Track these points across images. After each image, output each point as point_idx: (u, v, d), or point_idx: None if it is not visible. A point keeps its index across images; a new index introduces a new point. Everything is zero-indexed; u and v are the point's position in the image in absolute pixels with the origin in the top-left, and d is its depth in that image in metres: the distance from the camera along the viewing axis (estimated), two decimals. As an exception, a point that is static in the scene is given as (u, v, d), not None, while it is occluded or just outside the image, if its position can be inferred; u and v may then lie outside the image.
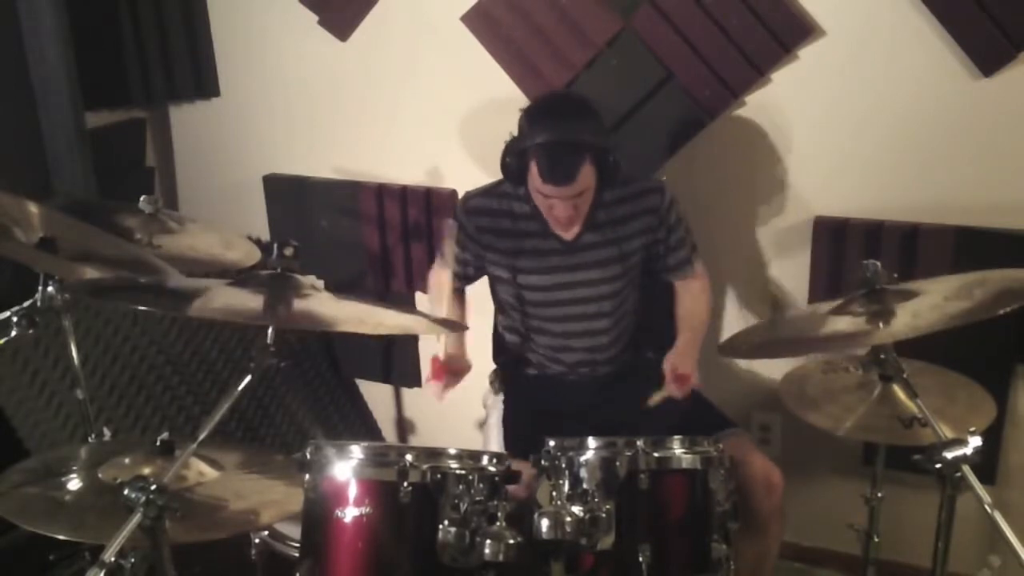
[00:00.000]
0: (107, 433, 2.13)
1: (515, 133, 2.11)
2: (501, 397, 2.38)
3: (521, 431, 2.21)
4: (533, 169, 2.06)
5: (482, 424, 2.47)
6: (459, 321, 2.30)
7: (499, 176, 2.17)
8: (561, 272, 2.23)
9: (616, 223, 2.21)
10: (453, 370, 2.17)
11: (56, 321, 1.97)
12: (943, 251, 2.31)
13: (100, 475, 1.71)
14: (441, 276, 2.29)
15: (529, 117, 2.10)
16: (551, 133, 2.03)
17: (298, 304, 1.66)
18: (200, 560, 1.97)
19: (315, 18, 2.88)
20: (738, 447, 2.02)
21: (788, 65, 2.40)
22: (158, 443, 1.74)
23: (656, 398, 2.12)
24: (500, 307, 2.40)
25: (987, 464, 2.36)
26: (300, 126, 3.04)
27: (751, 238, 2.58)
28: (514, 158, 2.09)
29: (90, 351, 2.56)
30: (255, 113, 3.09)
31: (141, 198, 2.25)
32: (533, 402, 2.30)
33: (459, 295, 2.38)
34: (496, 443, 2.25)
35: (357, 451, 1.64)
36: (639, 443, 1.67)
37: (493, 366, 2.47)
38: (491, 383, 2.44)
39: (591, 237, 2.21)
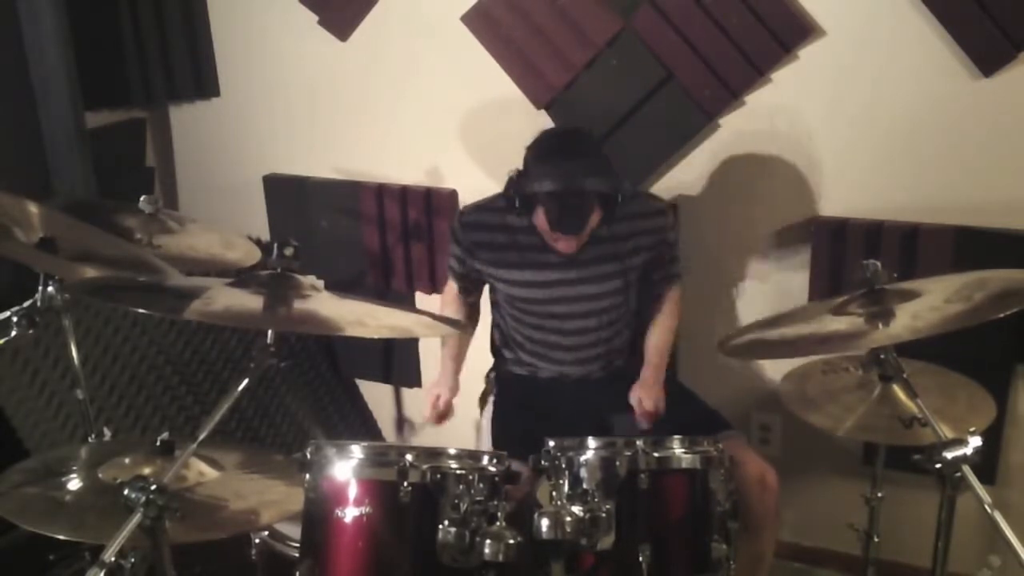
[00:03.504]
0: (107, 433, 2.13)
1: (519, 167, 2.10)
2: (493, 395, 2.38)
3: (509, 431, 2.21)
4: (540, 214, 2.06)
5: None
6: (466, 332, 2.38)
7: (499, 176, 2.16)
8: (561, 285, 2.22)
9: (618, 239, 2.20)
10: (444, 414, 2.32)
11: (56, 321, 1.97)
12: (943, 251, 2.31)
13: (100, 475, 1.71)
14: (451, 290, 2.40)
15: (536, 158, 2.08)
16: (560, 181, 2.00)
17: (298, 304, 1.66)
18: (200, 560, 1.98)
19: (315, 18, 2.88)
20: (733, 448, 2.01)
21: (788, 65, 2.40)
22: (158, 443, 1.74)
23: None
24: (497, 312, 2.40)
25: (987, 464, 2.36)
26: (300, 126, 3.04)
27: (751, 238, 2.58)
28: (520, 198, 2.07)
29: (90, 351, 2.57)
30: (255, 113, 3.09)
31: (141, 198, 2.26)
32: (522, 403, 2.30)
33: (469, 307, 2.43)
34: (486, 442, 2.26)
35: (357, 451, 1.64)
36: (639, 443, 1.67)
37: (491, 362, 2.46)
38: (487, 380, 2.44)
39: (592, 251, 2.19)
